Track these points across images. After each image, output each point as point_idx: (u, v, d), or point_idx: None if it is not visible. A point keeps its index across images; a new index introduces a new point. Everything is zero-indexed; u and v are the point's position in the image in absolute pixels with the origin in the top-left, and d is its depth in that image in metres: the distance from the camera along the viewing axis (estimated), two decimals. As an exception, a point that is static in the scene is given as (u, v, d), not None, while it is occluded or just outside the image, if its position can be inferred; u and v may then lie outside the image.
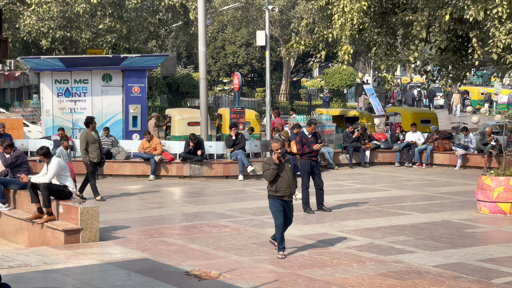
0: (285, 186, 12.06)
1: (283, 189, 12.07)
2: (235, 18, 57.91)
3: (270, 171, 12.02)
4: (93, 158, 18.24)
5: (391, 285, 10.42)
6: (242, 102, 45.46)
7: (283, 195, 12.11)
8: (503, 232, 14.55)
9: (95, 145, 18.27)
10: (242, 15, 56.92)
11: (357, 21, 22.73)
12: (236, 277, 10.83)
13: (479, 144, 24.83)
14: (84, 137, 18.29)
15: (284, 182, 12.06)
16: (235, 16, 57.42)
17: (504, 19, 20.24)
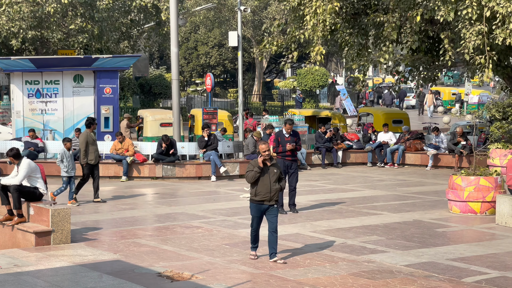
0: (264, 190, 11.77)
1: (262, 193, 11.78)
2: (207, 19, 57.78)
3: (251, 174, 11.76)
4: (91, 160, 18.02)
5: (363, 285, 10.46)
6: (214, 103, 45.41)
7: (263, 200, 11.80)
8: (473, 231, 14.68)
9: (94, 147, 18.08)
10: (214, 16, 56.83)
11: (329, 22, 22.77)
12: (208, 278, 10.82)
13: (450, 144, 25.03)
14: (85, 137, 18.05)
15: (264, 187, 11.77)
16: (207, 17, 57.30)
17: (474, 20, 20.40)
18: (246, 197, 18.94)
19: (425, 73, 27.14)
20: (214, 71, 61.03)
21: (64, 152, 17.77)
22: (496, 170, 17.16)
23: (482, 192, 16.08)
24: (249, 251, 12.63)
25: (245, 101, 48.65)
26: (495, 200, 15.58)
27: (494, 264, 11.66)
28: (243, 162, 23.58)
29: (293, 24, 25.70)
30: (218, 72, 62.87)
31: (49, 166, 21.91)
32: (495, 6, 19.65)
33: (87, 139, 18.02)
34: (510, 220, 14.83)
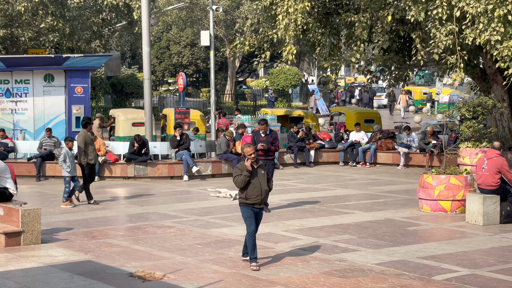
0: (256, 193, 11.48)
1: (253, 196, 11.48)
2: (179, 18, 57.67)
3: (241, 178, 11.44)
4: (91, 159, 17.80)
5: (335, 284, 10.50)
6: (187, 103, 45.35)
7: (254, 203, 11.51)
8: (444, 229, 14.79)
9: (92, 146, 17.85)
10: (186, 15, 56.72)
11: (301, 21, 22.85)
12: (180, 278, 10.79)
13: (421, 143, 25.21)
14: (83, 137, 17.78)
15: (255, 189, 11.48)
16: (179, 16, 57.19)
17: (444, 20, 20.57)
18: (213, 192, 18.95)
19: (396, 73, 27.32)
20: (187, 71, 60.92)
21: (67, 152, 17.44)
22: (466, 168, 17.32)
23: (452, 191, 16.21)
24: (221, 251, 12.63)
25: (218, 101, 48.60)
26: (465, 199, 15.72)
27: (464, 262, 11.77)
28: (216, 162, 23.57)
29: (266, 24, 25.75)
30: (190, 72, 62.76)
31: (19, 166, 21.76)
32: (464, 6, 19.85)
33: (85, 139, 17.74)
34: (479, 218, 14.97)
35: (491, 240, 13.56)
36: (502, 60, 20.01)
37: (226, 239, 13.70)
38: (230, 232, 14.35)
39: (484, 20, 19.60)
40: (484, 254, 12.43)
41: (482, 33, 19.72)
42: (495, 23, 19.47)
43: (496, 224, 14.98)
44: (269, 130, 16.88)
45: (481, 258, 12.10)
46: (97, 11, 37.08)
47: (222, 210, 17.03)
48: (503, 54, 19.62)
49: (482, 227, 14.73)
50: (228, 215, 16.31)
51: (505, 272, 11.14)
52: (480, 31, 19.78)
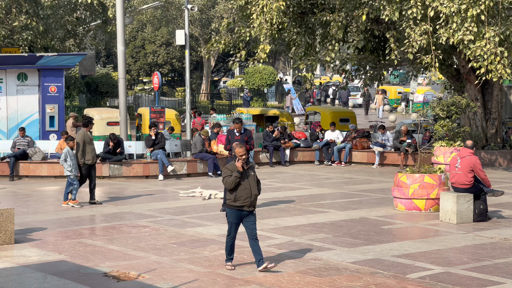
0: (245, 195, 11.11)
1: (242, 198, 11.11)
2: (154, 17, 57.48)
3: (231, 179, 11.08)
4: (88, 160, 17.50)
5: (310, 282, 10.52)
6: (162, 102, 45.20)
7: (243, 205, 11.13)
8: (418, 228, 14.88)
9: (91, 146, 17.56)
10: (161, 14, 56.54)
11: (276, 20, 22.88)
12: (155, 277, 10.76)
13: (396, 142, 25.34)
14: (82, 137, 17.51)
15: (244, 191, 11.11)
16: (154, 15, 56.99)
17: (419, 20, 20.70)
18: (185, 194, 18.92)
19: (371, 72, 27.44)
20: (162, 70, 60.73)
21: (68, 151, 17.18)
22: (440, 167, 17.43)
23: (426, 190, 16.31)
24: (197, 250, 12.62)
25: (193, 100, 48.50)
26: (439, 197, 15.82)
27: (437, 260, 11.85)
28: (191, 161, 23.52)
29: (241, 23, 25.75)
30: (165, 71, 62.58)
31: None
32: (438, 6, 19.98)
33: (84, 139, 17.47)
34: (453, 217, 15.08)
35: (464, 238, 13.66)
36: (475, 60, 20.17)
37: (201, 238, 13.68)
38: (205, 231, 14.34)
39: (457, 20, 19.76)
40: (457, 252, 12.53)
41: (456, 33, 19.88)
42: (468, 23, 19.63)
43: (470, 222, 15.10)
44: (244, 129, 16.90)
45: (454, 256, 12.19)
46: (71, 9, 36.84)
47: (197, 210, 17.00)
48: (476, 53, 19.78)
49: (455, 226, 14.84)
50: (203, 215, 16.29)
51: (478, 270, 11.24)
52: (454, 30, 19.93)
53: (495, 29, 19.70)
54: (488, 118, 25.90)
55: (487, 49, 19.63)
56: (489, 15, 19.91)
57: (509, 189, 19.36)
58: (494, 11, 20.02)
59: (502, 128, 26.85)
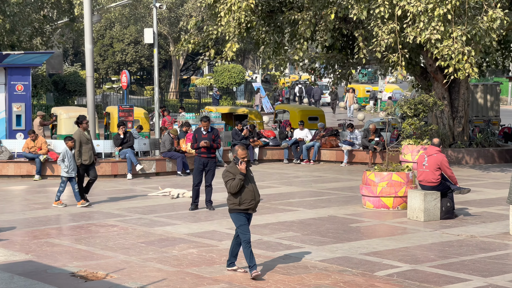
0: (250, 197, 10.75)
1: (248, 201, 10.74)
2: (122, 16, 57.12)
3: (235, 182, 10.67)
4: (85, 160, 17.15)
5: (279, 281, 10.54)
6: (131, 100, 44.98)
7: (248, 208, 10.77)
8: (386, 225, 14.98)
9: (88, 146, 17.21)
10: (130, 13, 56.21)
11: (245, 19, 22.87)
12: (123, 277, 10.71)
13: (364, 141, 25.48)
14: (78, 137, 17.17)
15: (249, 193, 10.75)
16: (122, 14, 56.65)
17: (386, 19, 20.81)
18: (155, 194, 18.85)
19: (340, 71, 27.55)
20: (130, 68, 60.43)
21: (66, 151, 16.84)
22: (408, 165, 17.55)
23: (394, 187, 16.42)
24: (165, 249, 12.56)
25: (162, 99, 48.34)
26: (406, 195, 15.94)
27: (405, 258, 11.94)
28: (160, 160, 23.44)
29: (210, 22, 25.70)
30: (134, 69, 62.28)
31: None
32: (406, 5, 20.11)
33: (79, 139, 17.12)
34: (421, 215, 15.20)
35: (431, 235, 13.78)
36: (442, 59, 20.33)
37: (170, 237, 13.64)
38: (174, 230, 14.30)
39: (424, 19, 19.90)
40: (425, 249, 12.63)
41: (423, 32, 20.01)
42: (435, 22, 19.78)
43: (437, 220, 15.23)
44: (211, 128, 16.88)
45: (422, 254, 12.29)
46: (38, 7, 36.48)
47: (166, 209, 16.95)
48: (443, 52, 19.94)
49: (423, 223, 14.96)
50: (172, 213, 16.24)
51: (445, 267, 11.34)
52: (421, 29, 20.06)
53: (462, 28, 19.87)
54: (455, 117, 26.14)
55: (454, 48, 19.80)
56: (455, 15, 20.07)
57: (475, 187, 19.57)
58: (461, 10, 20.20)
59: (469, 127, 27.14)
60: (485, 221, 15.15)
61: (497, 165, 25.13)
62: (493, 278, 10.68)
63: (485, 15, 20.10)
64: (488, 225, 14.77)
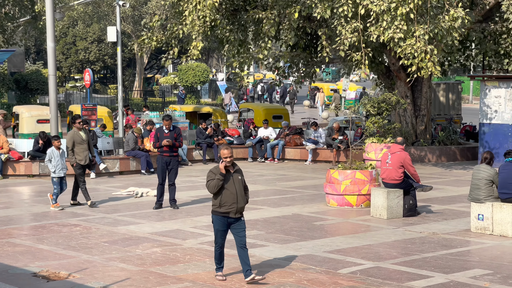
0: (230, 200, 10.27)
1: (228, 204, 10.27)
2: (85, 14, 56.70)
3: (214, 182, 10.25)
4: (80, 160, 16.71)
5: (242, 279, 10.53)
6: (94, 99, 44.62)
7: (228, 211, 10.30)
8: (350, 223, 15.06)
9: (82, 146, 16.72)
10: (93, 11, 55.82)
11: (209, 17, 22.83)
12: (86, 277, 10.63)
13: (328, 139, 25.59)
14: (71, 136, 16.76)
15: (229, 196, 10.28)
16: (85, 12, 56.21)
17: (350, 17, 20.92)
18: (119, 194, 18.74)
19: (304, 69, 27.63)
20: (94, 67, 59.99)
21: (53, 151, 16.44)
22: (371, 163, 17.67)
23: (358, 186, 16.52)
24: (129, 248, 12.50)
25: (126, 97, 48.05)
26: (370, 193, 16.04)
27: (368, 255, 12.01)
28: (123, 159, 23.30)
29: (173, 20, 25.61)
30: (98, 68, 61.84)
31: None
32: (369, 4, 20.22)
33: (73, 138, 16.69)
34: (384, 212, 15.30)
35: (394, 233, 13.88)
36: (405, 57, 20.48)
37: (134, 236, 13.57)
38: (138, 229, 14.23)
39: (387, 18, 20.03)
40: (387, 247, 12.72)
41: (386, 31, 20.15)
42: (398, 21, 19.92)
43: (400, 217, 15.35)
44: (173, 126, 16.83)
45: (385, 251, 12.38)
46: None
47: (130, 208, 16.86)
48: (406, 51, 20.09)
49: (386, 221, 15.07)
50: (135, 213, 16.16)
51: (407, 264, 11.43)
52: (384, 28, 20.20)
53: (424, 27, 20.05)
54: (418, 115, 26.37)
55: (417, 47, 19.96)
56: (418, 14, 20.24)
57: (437, 185, 19.77)
58: (423, 9, 20.37)
59: (431, 125, 27.39)
60: (446, 218, 15.31)
61: (459, 163, 25.41)
62: (454, 274, 10.80)
63: (446, 14, 20.31)
64: (449, 222, 14.93)
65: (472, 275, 10.78)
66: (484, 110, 24.02)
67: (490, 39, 25.83)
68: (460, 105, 31.68)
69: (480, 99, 24.67)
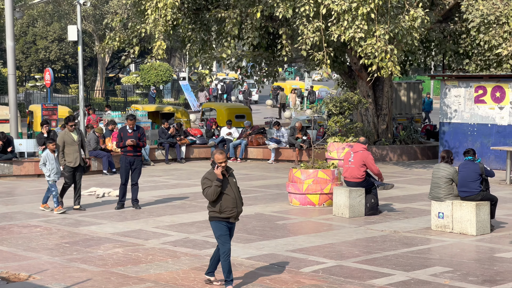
0: (231, 205, 9.96)
1: (229, 209, 9.96)
2: (46, 12, 56.13)
3: (212, 189, 9.92)
4: (69, 162, 16.07)
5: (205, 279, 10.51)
6: (55, 99, 44.20)
7: (229, 216, 9.98)
8: (312, 222, 15.11)
9: (73, 147, 16.10)
10: (53, 9, 55.28)
11: (171, 17, 22.75)
12: (46, 278, 10.52)
13: (291, 139, 25.66)
14: (61, 137, 16.16)
15: (229, 201, 9.97)
16: (46, 10, 55.65)
17: (312, 17, 21.01)
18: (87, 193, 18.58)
19: (266, 69, 27.67)
20: (54, 66, 59.41)
21: (47, 154, 15.80)
22: (334, 163, 17.76)
23: (320, 185, 16.59)
24: (90, 249, 12.39)
25: (87, 97, 47.66)
26: (332, 192, 16.11)
27: (330, 254, 12.07)
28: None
29: (135, 19, 25.49)
30: (58, 67, 61.25)
31: None
32: (330, 4, 20.33)
33: (63, 139, 16.10)
34: (346, 211, 15.39)
35: (356, 231, 13.97)
36: (366, 57, 20.64)
37: (95, 237, 13.46)
38: (99, 230, 14.12)
39: (348, 17, 20.16)
40: (349, 245, 12.80)
41: (347, 30, 20.27)
42: (359, 20, 20.06)
43: (362, 216, 15.45)
44: (136, 126, 16.75)
45: (347, 250, 12.44)
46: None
47: (92, 208, 16.72)
48: (367, 51, 20.24)
49: (348, 220, 15.15)
50: (97, 213, 16.03)
51: (369, 262, 11.51)
52: (345, 28, 20.32)
53: (385, 27, 20.21)
54: (379, 114, 26.57)
55: (377, 46, 20.12)
56: (379, 14, 20.41)
57: (399, 183, 19.94)
58: (384, 9, 20.54)
59: (393, 124, 27.62)
60: (408, 217, 15.45)
61: (419, 161, 25.66)
62: (415, 272, 10.89)
63: (407, 14, 20.50)
64: (410, 220, 15.07)
65: (433, 272, 10.89)
66: (444, 110, 24.29)
67: (450, 39, 26.14)
68: (421, 104, 32.00)
69: (440, 99, 24.95)
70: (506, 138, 22.85)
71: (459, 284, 10.30)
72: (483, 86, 23.36)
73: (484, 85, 23.34)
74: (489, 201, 13.93)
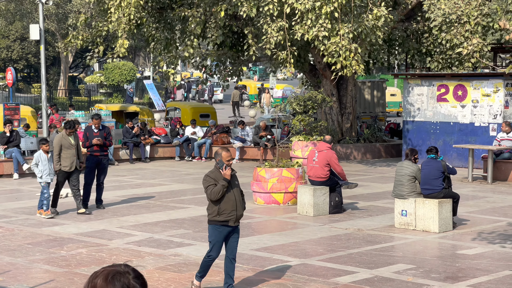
0: (230, 207, 9.55)
1: (227, 211, 9.55)
2: (8, 11, 55.45)
3: (218, 188, 9.47)
4: (65, 166, 15.42)
5: (170, 279, 10.49)
6: (17, 98, 43.68)
7: (227, 220, 9.57)
8: (276, 221, 15.15)
9: (70, 151, 15.49)
10: (15, 8, 54.64)
11: (135, 15, 22.65)
12: (9, 280, 10.41)
13: (255, 138, 25.69)
14: (58, 140, 15.56)
15: (229, 203, 9.56)
16: (8, 9, 54.98)
17: (275, 16, 21.05)
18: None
19: (231, 68, 27.67)
20: (17, 66, 58.74)
21: (40, 155, 15.26)
22: (298, 161, 17.82)
23: (284, 183, 16.62)
24: (53, 250, 12.29)
25: (51, 96, 47.23)
26: (296, 191, 16.16)
27: (295, 252, 12.10)
28: (48, 159, 22.88)
29: (99, 18, 25.32)
30: (21, 67, 60.58)
31: None
32: (294, 3, 20.40)
33: (60, 142, 15.53)
34: (310, 210, 15.45)
35: (320, 230, 14.03)
36: (330, 56, 20.74)
37: (58, 237, 13.35)
38: (62, 230, 14.01)
39: (312, 16, 20.24)
40: (314, 244, 12.85)
41: (311, 29, 20.35)
42: (322, 19, 20.15)
43: (326, 214, 15.52)
44: (102, 126, 16.64)
45: (311, 248, 12.49)
46: None
47: (55, 209, 16.56)
48: (330, 49, 20.33)
49: (312, 218, 15.21)
50: (60, 213, 15.88)
51: (333, 260, 11.57)
52: (309, 27, 20.40)
53: (349, 26, 20.33)
54: (344, 113, 26.71)
55: (341, 45, 20.23)
56: (342, 12, 20.53)
57: (363, 181, 20.07)
58: (347, 8, 20.67)
59: (357, 122, 27.79)
60: (371, 215, 15.56)
61: (383, 159, 25.85)
62: (378, 269, 10.98)
63: (370, 13, 20.64)
64: (374, 218, 15.18)
65: (396, 269, 10.98)
66: (407, 108, 24.49)
67: (412, 38, 26.38)
68: (384, 103, 32.24)
69: (403, 97, 25.16)
70: (468, 136, 23.12)
71: (422, 281, 10.40)
72: (445, 84, 23.61)
73: (446, 84, 23.59)
74: (452, 198, 14.09)
